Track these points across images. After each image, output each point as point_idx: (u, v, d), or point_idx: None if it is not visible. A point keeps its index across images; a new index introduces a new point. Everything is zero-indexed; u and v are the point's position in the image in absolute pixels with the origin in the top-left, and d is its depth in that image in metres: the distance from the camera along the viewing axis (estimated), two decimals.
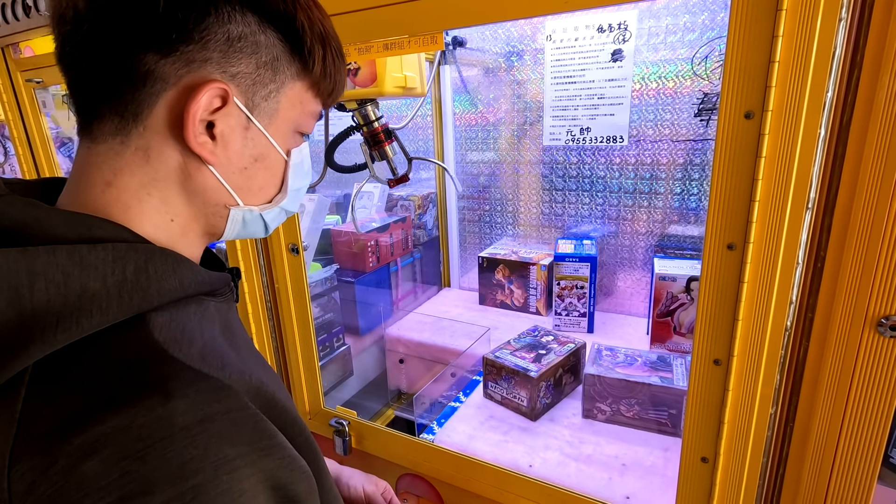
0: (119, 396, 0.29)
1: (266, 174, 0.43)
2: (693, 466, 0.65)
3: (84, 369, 0.31)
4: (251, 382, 0.37)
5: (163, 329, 0.34)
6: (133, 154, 0.37)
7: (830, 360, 0.54)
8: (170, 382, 0.31)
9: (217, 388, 0.33)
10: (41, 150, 1.24)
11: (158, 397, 0.30)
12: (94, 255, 0.32)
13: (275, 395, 0.38)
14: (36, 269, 0.30)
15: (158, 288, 0.35)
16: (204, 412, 0.31)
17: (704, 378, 0.61)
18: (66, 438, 0.28)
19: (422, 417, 1.07)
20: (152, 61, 0.35)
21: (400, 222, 1.50)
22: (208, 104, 0.37)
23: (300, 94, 0.43)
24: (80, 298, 0.31)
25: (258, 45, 0.38)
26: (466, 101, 1.47)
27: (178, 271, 0.36)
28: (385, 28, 0.68)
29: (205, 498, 0.29)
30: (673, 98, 1.21)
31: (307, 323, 0.97)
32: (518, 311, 1.46)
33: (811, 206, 0.51)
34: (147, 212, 0.38)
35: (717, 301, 0.58)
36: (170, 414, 0.30)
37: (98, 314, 0.31)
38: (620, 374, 0.94)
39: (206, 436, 0.30)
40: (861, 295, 0.51)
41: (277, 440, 0.34)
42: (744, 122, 0.51)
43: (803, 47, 0.47)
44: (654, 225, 1.32)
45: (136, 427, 0.29)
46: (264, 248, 0.96)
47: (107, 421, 0.28)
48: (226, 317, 0.42)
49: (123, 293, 0.33)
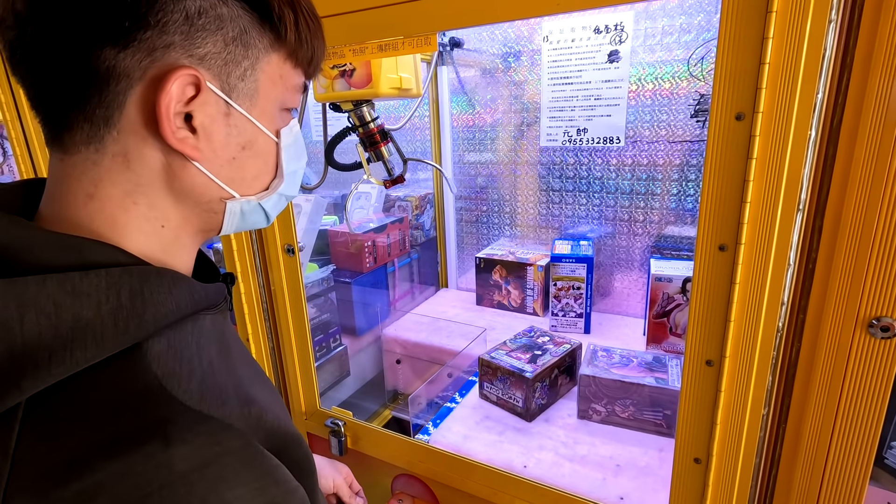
0: (117, 441, 0.29)
1: (257, 161, 0.40)
2: (686, 467, 0.65)
3: (80, 406, 0.30)
4: (251, 416, 0.36)
5: (160, 360, 0.33)
6: (111, 161, 0.35)
7: (822, 361, 0.55)
8: (168, 426, 0.30)
9: (217, 429, 0.32)
10: (39, 150, 1.24)
11: (158, 444, 0.29)
12: (86, 282, 0.31)
13: (275, 423, 0.38)
14: (25, 301, 0.29)
15: (154, 312, 0.33)
16: (203, 457, 0.30)
17: (697, 379, 0.61)
18: (62, 483, 0.27)
19: (417, 418, 1.07)
20: (111, 56, 0.32)
21: (397, 223, 1.50)
22: (181, 94, 0.34)
23: (278, 68, 0.39)
24: (73, 329, 0.30)
25: (222, 19, 0.34)
26: (464, 102, 1.48)
27: (173, 292, 0.35)
28: (379, 29, 0.68)
29: None
30: (669, 99, 1.21)
31: (303, 323, 0.97)
32: (515, 311, 1.47)
33: (802, 207, 0.52)
34: (135, 222, 0.36)
35: (709, 302, 0.58)
36: (169, 461, 0.29)
37: (93, 346, 0.30)
38: (616, 375, 0.95)
39: (205, 482, 0.30)
40: (852, 296, 0.51)
41: (275, 476, 0.34)
42: (735, 124, 0.51)
43: (793, 49, 0.47)
44: (650, 226, 1.32)
45: (134, 475, 0.28)
46: (260, 248, 0.96)
47: (105, 468, 0.28)
48: (221, 330, 0.41)
49: (119, 321, 0.31)
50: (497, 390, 1.04)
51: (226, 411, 0.34)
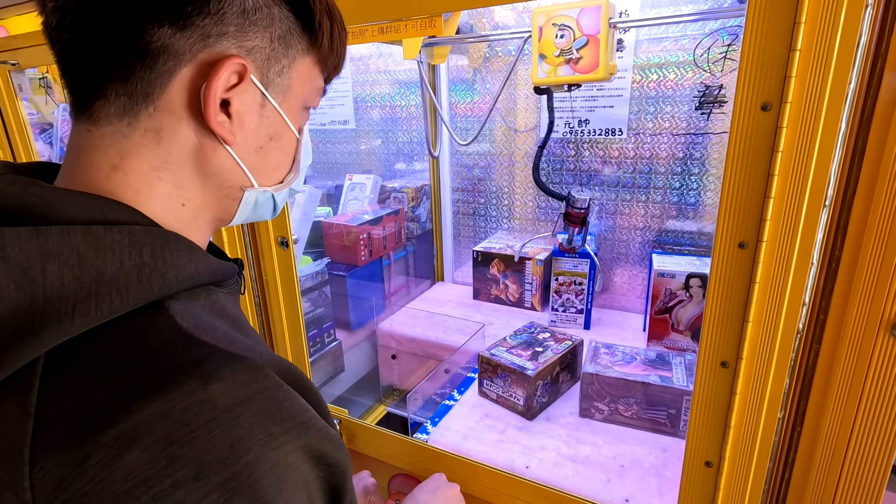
0: (153, 383, 0.28)
1: (280, 153, 0.43)
2: (696, 470, 0.63)
3: (107, 358, 0.29)
4: (280, 363, 0.36)
5: (184, 316, 0.33)
6: (142, 136, 0.35)
7: (842, 364, 0.52)
8: (205, 366, 0.30)
9: (251, 368, 0.32)
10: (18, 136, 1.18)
11: (196, 381, 0.29)
12: (110, 237, 0.30)
13: (303, 375, 0.37)
14: (49, 251, 0.28)
15: (176, 274, 0.33)
16: (244, 393, 0.30)
17: (711, 380, 0.59)
18: (99, 430, 0.26)
19: (416, 415, 1.05)
20: (166, 36, 0.33)
21: (393, 215, 1.46)
22: (226, 81, 0.35)
23: (309, 70, 0.42)
24: (97, 282, 0.29)
25: (272, 18, 0.37)
26: (463, 91, 1.44)
27: (192, 258, 0.35)
28: (381, 11, 0.64)
29: (258, 475, 0.29)
30: (673, 90, 1.18)
31: (297, 318, 0.93)
32: (513, 306, 1.44)
33: (828, 203, 0.49)
34: (158, 196, 0.36)
35: (726, 301, 0.55)
36: (210, 397, 0.28)
37: (118, 298, 0.29)
38: (619, 373, 0.93)
39: (250, 415, 0.29)
40: (877, 297, 0.49)
41: (312, 414, 0.34)
42: (760, 115, 0.49)
43: (826, 36, 0.44)
44: (651, 220, 1.30)
45: (177, 412, 0.27)
46: (252, 240, 0.93)
47: (144, 409, 0.27)
48: (233, 310, 0.41)
49: (143, 277, 0.31)
50: (497, 388, 1.02)
51: (256, 354, 0.34)
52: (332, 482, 0.35)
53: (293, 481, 0.31)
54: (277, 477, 0.30)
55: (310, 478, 0.33)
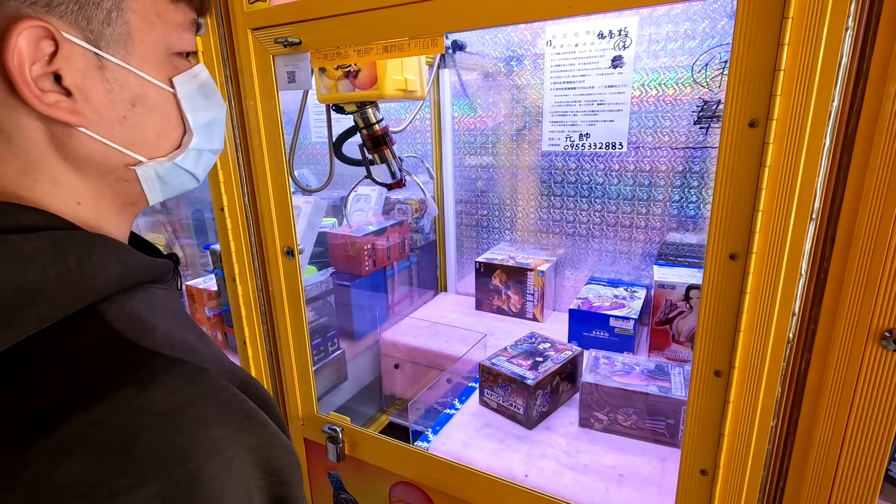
0: (88, 392, 0.27)
1: (155, 117, 0.35)
2: (692, 479, 0.64)
3: (38, 370, 0.27)
4: (224, 365, 0.35)
5: (119, 319, 0.31)
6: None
7: (833, 373, 0.54)
8: (142, 371, 0.28)
9: (192, 372, 0.30)
10: None
11: (133, 388, 0.27)
12: (28, 245, 0.28)
13: (248, 377, 0.36)
14: None
15: (106, 277, 0.31)
16: (183, 398, 0.29)
17: (704, 389, 0.60)
18: (31, 442, 0.25)
19: (417, 424, 1.06)
20: None
21: (397, 226, 1.49)
22: (34, 51, 0.29)
23: (152, 5, 0.33)
24: (21, 293, 0.27)
25: None
26: (466, 105, 1.47)
27: (121, 258, 0.32)
28: (385, 30, 0.67)
29: (198, 483, 0.27)
30: (673, 105, 1.20)
31: (302, 327, 0.95)
32: (515, 316, 1.45)
33: (815, 216, 0.51)
34: (45, 201, 0.32)
35: (718, 311, 0.57)
36: (148, 403, 0.27)
37: (45, 307, 0.28)
38: (618, 383, 0.93)
39: (190, 421, 0.28)
40: (865, 307, 0.51)
41: (260, 418, 0.32)
42: (748, 131, 0.51)
43: (809, 56, 0.47)
44: (651, 232, 1.31)
45: (114, 420, 0.26)
46: (259, 250, 0.95)
47: (80, 418, 0.26)
48: (173, 307, 0.38)
49: (70, 284, 0.29)
50: (498, 397, 1.03)
51: (198, 357, 0.32)
52: (275, 493, 0.32)
53: (234, 489, 0.29)
54: (218, 485, 0.28)
55: (251, 486, 0.30)
